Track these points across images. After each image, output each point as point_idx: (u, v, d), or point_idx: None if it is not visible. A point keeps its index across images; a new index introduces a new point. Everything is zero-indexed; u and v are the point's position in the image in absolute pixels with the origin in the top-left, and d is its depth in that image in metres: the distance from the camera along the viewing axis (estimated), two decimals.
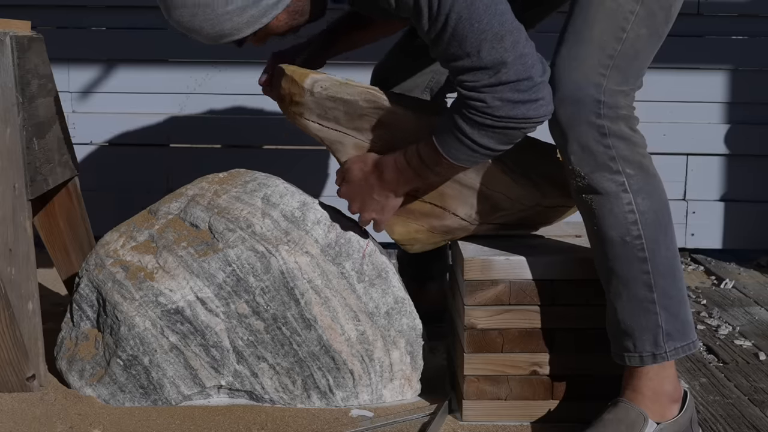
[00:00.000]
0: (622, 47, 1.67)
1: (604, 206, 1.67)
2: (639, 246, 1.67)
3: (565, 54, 1.68)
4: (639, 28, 1.68)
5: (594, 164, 1.66)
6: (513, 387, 1.85)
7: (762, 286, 2.87)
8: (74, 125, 3.09)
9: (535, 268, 1.82)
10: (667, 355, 1.70)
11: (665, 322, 1.69)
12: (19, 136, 1.95)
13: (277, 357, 1.92)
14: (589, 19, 1.67)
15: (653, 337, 1.69)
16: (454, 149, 1.69)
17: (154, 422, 1.87)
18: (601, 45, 1.67)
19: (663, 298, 1.69)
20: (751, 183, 3.17)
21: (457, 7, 1.60)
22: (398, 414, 1.90)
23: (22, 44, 1.98)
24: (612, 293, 1.71)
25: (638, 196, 1.67)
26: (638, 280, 1.68)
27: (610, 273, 1.70)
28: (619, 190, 1.66)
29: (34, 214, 2.13)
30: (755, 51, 3.15)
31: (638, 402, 1.70)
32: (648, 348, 1.69)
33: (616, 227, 1.67)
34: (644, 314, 1.69)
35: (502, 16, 1.62)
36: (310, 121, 1.87)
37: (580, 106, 1.65)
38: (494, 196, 1.86)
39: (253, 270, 1.90)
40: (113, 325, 1.92)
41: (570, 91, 1.65)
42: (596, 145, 1.65)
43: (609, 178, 1.66)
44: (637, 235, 1.67)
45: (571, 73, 1.66)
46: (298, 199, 1.96)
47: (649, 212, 1.67)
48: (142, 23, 3.19)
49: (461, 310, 1.87)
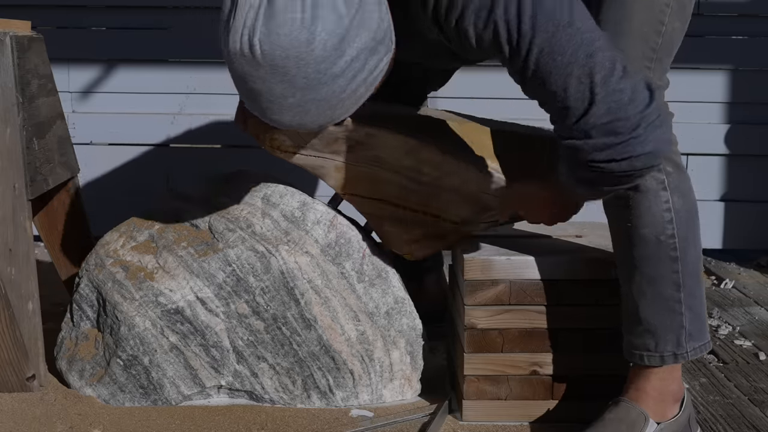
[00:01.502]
0: (663, 40, 1.64)
1: (642, 204, 1.64)
2: (672, 245, 1.65)
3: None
4: (674, 21, 1.66)
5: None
6: (513, 387, 1.85)
7: (762, 286, 2.87)
8: (74, 125, 3.09)
9: (536, 267, 1.82)
10: (688, 355, 1.69)
11: (689, 322, 1.68)
12: (19, 136, 1.95)
13: (277, 357, 1.92)
14: (627, 10, 1.63)
15: (676, 337, 1.68)
16: (572, 191, 1.64)
17: (154, 422, 1.87)
18: (643, 37, 1.63)
19: (689, 297, 1.67)
20: (751, 183, 3.17)
21: (538, 39, 1.49)
22: (398, 414, 1.90)
23: (22, 44, 1.98)
24: (635, 291, 1.68)
25: (674, 194, 1.65)
26: (667, 279, 1.66)
27: (635, 271, 1.67)
28: (659, 188, 1.64)
29: (34, 214, 2.13)
30: (755, 51, 3.15)
31: (642, 402, 1.70)
32: (670, 348, 1.68)
33: (653, 225, 1.64)
34: (669, 314, 1.67)
35: (590, 45, 1.49)
36: (288, 152, 1.89)
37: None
38: (480, 197, 1.86)
39: (253, 270, 1.90)
40: (113, 325, 1.92)
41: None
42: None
43: (651, 176, 1.62)
44: (671, 234, 1.65)
45: (627, 55, 1.60)
46: (298, 199, 1.96)
47: (683, 211, 1.66)
48: (142, 23, 3.19)
49: (461, 310, 1.87)
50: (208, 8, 3.19)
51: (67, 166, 2.22)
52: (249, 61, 1.43)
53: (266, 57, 1.42)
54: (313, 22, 1.41)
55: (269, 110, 1.49)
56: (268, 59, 1.42)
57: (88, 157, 3.05)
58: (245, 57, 1.43)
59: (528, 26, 1.48)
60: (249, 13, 1.42)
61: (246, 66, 1.44)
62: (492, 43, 1.53)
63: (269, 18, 1.41)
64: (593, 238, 1.98)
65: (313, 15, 1.41)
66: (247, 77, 1.46)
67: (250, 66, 1.44)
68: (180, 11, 3.21)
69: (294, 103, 1.46)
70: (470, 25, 1.52)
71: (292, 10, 1.41)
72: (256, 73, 1.44)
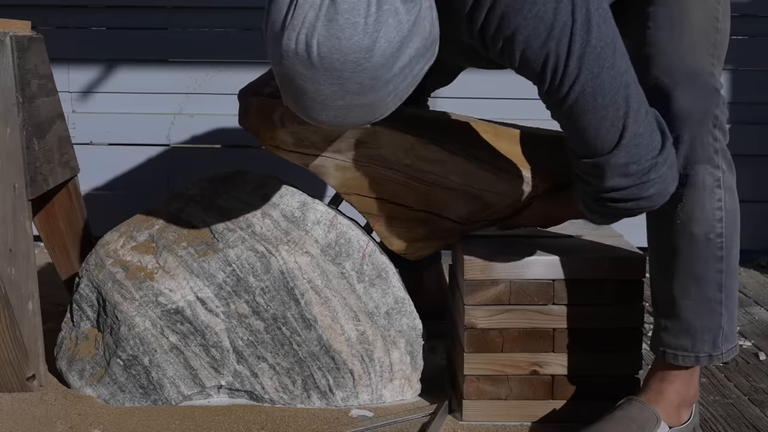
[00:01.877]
0: (720, 38, 1.63)
1: (697, 201, 1.61)
2: (719, 244, 1.63)
3: (668, 38, 1.59)
4: (725, 21, 1.65)
5: (702, 156, 1.59)
6: (513, 387, 1.85)
7: (762, 286, 2.87)
8: (74, 125, 3.09)
9: (536, 268, 1.82)
10: (723, 356, 1.66)
11: (726, 323, 1.65)
12: (19, 136, 1.95)
13: (277, 357, 1.92)
14: (682, 4, 1.61)
15: (713, 338, 1.65)
16: (593, 218, 1.67)
17: (154, 422, 1.87)
18: (703, 32, 1.61)
19: (728, 298, 1.65)
20: (751, 183, 3.17)
21: (582, 78, 1.47)
22: (398, 414, 1.90)
23: (22, 44, 1.98)
24: (678, 290, 1.65)
25: (726, 193, 1.62)
26: (712, 279, 1.64)
27: (681, 270, 1.64)
28: (714, 186, 1.61)
29: (34, 214, 2.13)
30: (755, 51, 3.15)
31: (658, 403, 1.67)
32: (707, 349, 1.66)
33: (703, 223, 1.61)
34: (710, 315, 1.65)
35: (627, 88, 1.49)
36: (288, 151, 1.89)
37: (703, 93, 1.59)
38: (480, 194, 1.86)
39: (253, 270, 1.90)
40: (113, 325, 1.92)
41: (689, 76, 1.59)
42: (708, 136, 1.59)
43: (710, 172, 1.60)
44: (720, 233, 1.62)
45: (685, 57, 1.59)
46: (298, 199, 1.96)
47: (731, 210, 1.63)
48: (142, 23, 3.19)
49: (461, 309, 1.87)
50: (208, 8, 3.19)
51: (67, 166, 2.22)
52: (303, 61, 1.37)
53: (323, 60, 1.36)
54: (376, 28, 1.36)
55: (311, 109, 1.43)
56: (325, 62, 1.36)
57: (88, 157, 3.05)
58: (299, 57, 1.37)
59: (575, 65, 1.46)
60: (309, 12, 1.35)
61: (298, 65, 1.38)
62: (535, 72, 1.50)
63: (331, 20, 1.35)
64: (593, 238, 1.98)
65: (376, 20, 1.35)
66: (297, 76, 1.39)
67: (302, 66, 1.38)
68: (180, 11, 3.21)
69: (341, 105, 1.42)
70: (518, 50, 1.48)
71: (356, 14, 1.35)
72: (307, 73, 1.38)
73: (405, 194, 1.90)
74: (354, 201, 1.96)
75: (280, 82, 1.44)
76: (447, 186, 1.86)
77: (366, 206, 1.95)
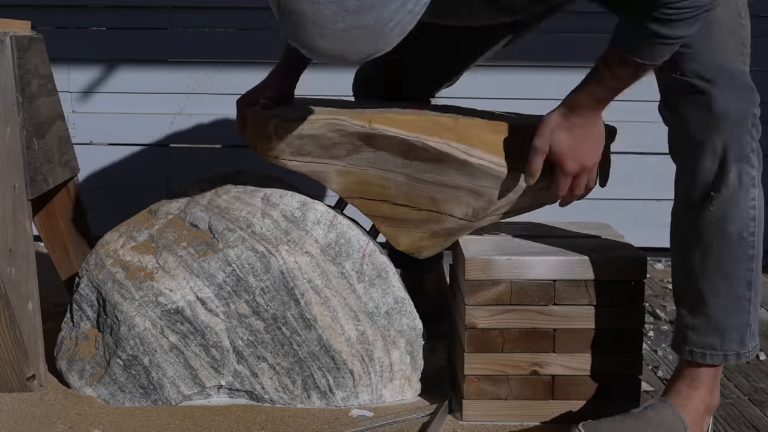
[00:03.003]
0: (745, 34, 1.63)
1: (732, 200, 1.60)
2: (751, 243, 1.63)
3: (697, 35, 1.57)
4: (747, 16, 1.65)
5: (739, 154, 1.59)
6: (513, 387, 1.85)
7: (762, 286, 2.87)
8: (74, 125, 3.09)
9: (537, 268, 1.82)
10: (750, 354, 1.66)
11: (753, 321, 1.66)
12: (19, 136, 1.95)
13: (277, 357, 1.91)
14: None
15: (740, 336, 1.65)
16: (658, 54, 1.56)
17: (154, 422, 1.87)
18: (730, 30, 1.61)
19: (756, 297, 1.66)
20: None
21: None
22: (398, 414, 1.90)
23: (22, 44, 1.98)
24: (707, 289, 1.64)
25: (760, 190, 1.63)
26: (743, 278, 1.63)
27: (712, 268, 1.63)
28: (750, 184, 1.61)
29: (34, 214, 2.13)
30: (755, 51, 3.14)
31: (684, 409, 1.67)
32: (734, 347, 1.65)
33: (738, 222, 1.61)
34: (738, 313, 1.64)
35: None
36: (286, 160, 1.89)
37: (741, 92, 1.59)
38: (483, 191, 1.86)
39: (253, 270, 1.90)
40: (113, 325, 1.92)
41: (724, 75, 1.58)
42: (746, 135, 1.59)
43: (747, 171, 1.60)
44: (753, 231, 1.62)
45: (717, 56, 1.59)
46: (298, 199, 1.96)
47: (762, 209, 1.63)
48: (142, 23, 3.19)
49: (462, 309, 1.87)
50: (208, 8, 3.19)
51: (67, 166, 2.22)
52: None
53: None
54: None
55: (312, 35, 1.38)
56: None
57: (88, 157, 3.05)
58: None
59: None
60: None
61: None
62: None
63: None
64: (594, 238, 1.98)
65: None
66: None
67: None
68: (180, 11, 3.21)
69: (341, 28, 1.37)
70: None
71: None
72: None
73: (408, 195, 1.90)
74: (358, 204, 1.96)
75: (279, 12, 1.40)
76: (449, 185, 1.86)
77: (370, 209, 1.95)
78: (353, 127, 1.85)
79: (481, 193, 1.86)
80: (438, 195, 1.88)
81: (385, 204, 1.93)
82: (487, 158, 1.81)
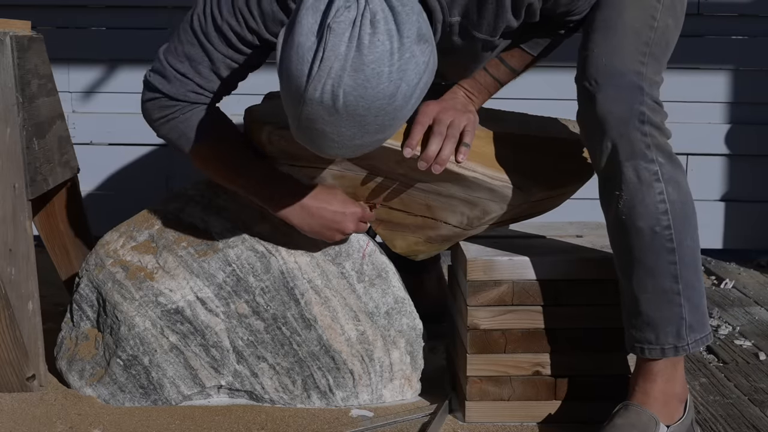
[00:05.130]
0: (655, 36, 1.68)
1: (636, 196, 1.65)
2: (668, 236, 1.65)
3: (600, 41, 1.68)
4: (666, 17, 1.70)
5: (630, 152, 1.64)
6: (516, 387, 1.85)
7: (762, 286, 2.87)
8: (74, 125, 3.09)
9: (538, 268, 1.82)
10: (689, 347, 1.69)
11: (688, 314, 1.68)
12: (19, 136, 1.94)
13: (277, 357, 1.91)
14: (618, 6, 1.68)
15: (676, 329, 1.68)
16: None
17: (154, 422, 1.86)
18: (635, 31, 1.67)
19: (687, 289, 1.67)
20: (751, 183, 3.17)
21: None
22: (398, 414, 1.90)
23: (22, 44, 1.98)
24: (635, 285, 1.68)
25: (669, 185, 1.65)
26: (665, 271, 1.66)
27: (634, 265, 1.67)
28: (653, 180, 1.65)
29: (34, 214, 2.13)
30: (755, 51, 3.15)
31: (649, 405, 1.68)
32: (671, 340, 1.68)
33: (647, 217, 1.65)
34: (668, 306, 1.67)
35: None
36: (282, 165, 1.89)
37: (623, 93, 1.65)
38: (478, 201, 1.85)
39: (253, 270, 1.90)
40: (113, 325, 1.92)
41: (612, 77, 1.65)
42: (635, 133, 1.64)
43: (644, 167, 1.64)
44: (667, 225, 1.65)
45: (612, 59, 1.66)
46: None
47: (678, 202, 1.66)
48: (142, 23, 3.18)
49: (464, 310, 1.87)
50: None
51: (67, 166, 2.22)
52: (327, 108, 1.44)
53: (348, 108, 1.44)
54: (399, 76, 1.45)
55: (329, 147, 1.51)
56: (349, 110, 1.44)
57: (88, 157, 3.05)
58: (324, 104, 1.44)
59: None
60: (335, 63, 1.42)
61: (322, 111, 1.45)
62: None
63: (357, 70, 1.42)
64: (594, 238, 1.98)
65: (399, 68, 1.44)
66: (318, 120, 1.46)
67: (325, 112, 1.45)
68: (180, 11, 3.20)
69: (358, 144, 1.51)
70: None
71: (381, 64, 1.43)
72: (329, 119, 1.46)
73: (403, 201, 1.90)
74: None
75: (296, 125, 1.50)
76: (444, 194, 1.85)
77: None
78: None
79: (476, 203, 1.85)
80: (432, 203, 1.87)
81: (381, 208, 1.93)
82: (481, 171, 1.80)
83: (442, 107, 1.78)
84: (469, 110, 1.81)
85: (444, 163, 1.75)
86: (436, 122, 1.76)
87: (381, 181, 1.89)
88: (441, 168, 1.75)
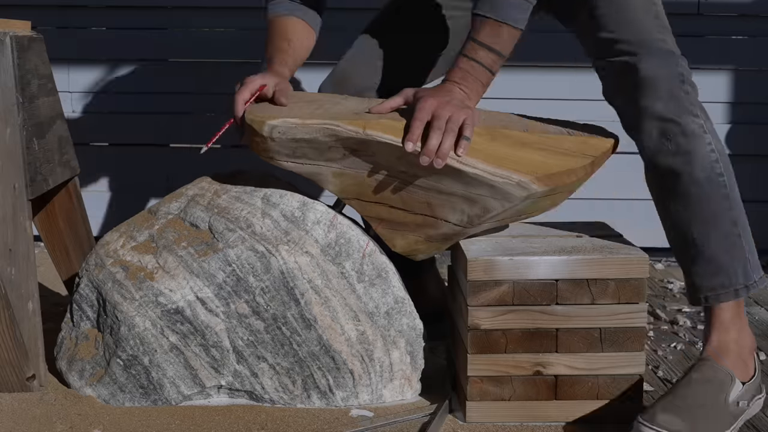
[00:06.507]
0: (658, 9, 1.88)
1: (691, 147, 1.77)
2: (722, 183, 1.78)
3: (617, 18, 1.84)
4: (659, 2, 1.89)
5: (679, 108, 1.78)
6: (516, 387, 1.85)
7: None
8: (74, 125, 3.09)
9: (539, 268, 1.82)
10: (757, 284, 1.78)
11: (749, 253, 1.79)
12: (19, 136, 1.94)
13: (277, 357, 1.91)
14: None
15: (743, 268, 1.78)
16: (515, 12, 1.81)
17: (154, 422, 1.86)
18: (645, 9, 1.85)
19: (744, 231, 1.80)
20: (750, 183, 3.16)
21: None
22: (398, 414, 1.90)
23: (22, 44, 1.98)
24: (699, 237, 1.78)
25: (712, 136, 1.80)
26: (725, 216, 1.78)
27: (695, 217, 1.78)
28: (701, 131, 1.78)
29: (34, 214, 2.13)
30: (755, 51, 3.15)
31: (726, 357, 1.75)
32: (741, 280, 1.78)
33: (703, 167, 1.77)
34: (733, 248, 1.78)
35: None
36: (282, 161, 1.89)
37: (662, 58, 1.80)
38: (478, 198, 1.85)
39: (253, 270, 1.90)
40: (113, 325, 1.92)
41: (643, 46, 1.81)
42: (679, 91, 1.79)
43: (692, 120, 1.78)
44: (720, 172, 1.78)
45: (636, 33, 1.82)
46: (298, 199, 1.95)
47: (722, 152, 1.80)
48: (142, 23, 3.19)
49: (464, 310, 1.87)
50: (208, 8, 3.19)
51: (67, 166, 2.22)
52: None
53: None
54: None
55: None
56: None
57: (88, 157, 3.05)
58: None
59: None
60: None
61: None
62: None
63: None
64: (594, 238, 1.98)
65: None
66: None
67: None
68: (180, 11, 3.21)
69: None
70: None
71: None
72: None
73: (404, 199, 1.90)
74: (354, 205, 1.96)
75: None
76: (444, 191, 1.85)
77: (367, 210, 1.95)
78: (347, 132, 1.84)
79: (476, 200, 1.85)
80: (433, 200, 1.87)
81: (382, 206, 1.93)
82: (481, 167, 1.80)
83: (440, 103, 1.80)
84: (467, 105, 1.83)
85: (445, 157, 1.77)
86: (434, 117, 1.78)
87: (382, 179, 1.89)
88: (443, 162, 1.77)
